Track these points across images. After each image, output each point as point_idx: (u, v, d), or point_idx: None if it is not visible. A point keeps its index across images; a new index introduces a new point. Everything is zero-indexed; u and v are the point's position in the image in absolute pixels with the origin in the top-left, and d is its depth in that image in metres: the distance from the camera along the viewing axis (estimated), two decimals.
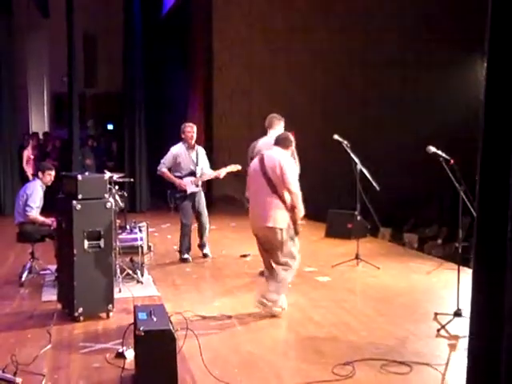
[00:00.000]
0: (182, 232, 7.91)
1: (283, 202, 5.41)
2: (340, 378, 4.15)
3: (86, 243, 5.35)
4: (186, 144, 7.89)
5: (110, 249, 5.52)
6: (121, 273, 6.54)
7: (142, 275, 6.81)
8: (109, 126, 20.22)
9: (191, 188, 7.81)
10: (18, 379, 4.06)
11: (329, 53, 13.75)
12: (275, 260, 5.54)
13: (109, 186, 5.98)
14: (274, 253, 5.53)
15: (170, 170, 7.82)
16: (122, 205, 6.85)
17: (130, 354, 4.38)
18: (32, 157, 13.15)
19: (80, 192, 5.34)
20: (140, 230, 7.06)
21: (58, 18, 14.41)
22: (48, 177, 6.96)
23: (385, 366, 4.36)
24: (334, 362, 4.38)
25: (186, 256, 7.92)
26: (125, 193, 7.06)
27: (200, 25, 13.60)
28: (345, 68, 14.00)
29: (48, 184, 7.00)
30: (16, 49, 13.43)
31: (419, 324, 5.38)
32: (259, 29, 13.69)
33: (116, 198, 6.59)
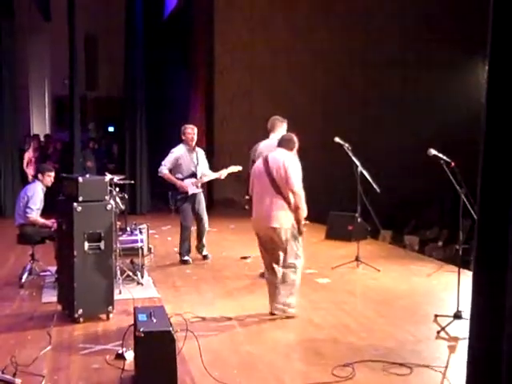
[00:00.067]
0: (182, 234, 7.92)
1: (287, 203, 5.42)
2: (340, 380, 4.15)
3: (87, 245, 5.36)
4: (187, 146, 7.90)
5: (111, 250, 5.53)
6: (121, 274, 6.55)
7: (142, 277, 6.81)
8: (110, 128, 20.22)
9: (192, 189, 7.82)
10: (18, 380, 4.06)
11: (329, 53, 13.76)
12: (277, 261, 5.55)
13: (109, 188, 5.98)
14: (276, 253, 5.55)
15: (171, 172, 7.82)
16: (123, 207, 6.86)
17: (130, 356, 4.39)
18: (33, 159, 13.16)
19: (81, 194, 5.35)
20: (140, 232, 7.08)
21: (60, 21, 14.42)
22: (48, 178, 6.96)
23: (385, 368, 4.36)
24: (334, 364, 4.38)
25: (187, 258, 7.93)
26: (125, 195, 7.06)
27: (202, 28, 13.61)
28: (345, 68, 14.00)
29: (48, 185, 7.00)
30: (18, 51, 13.41)
31: (419, 326, 5.38)
32: (261, 32, 13.69)
33: (116, 200, 6.59)
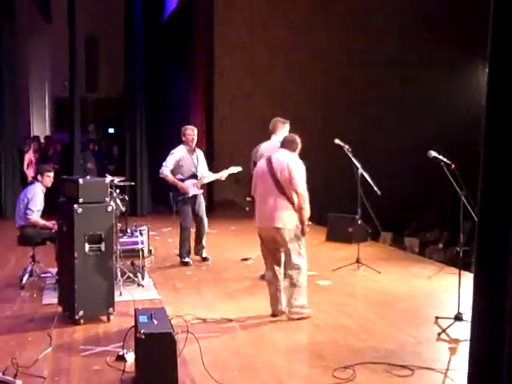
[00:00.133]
0: (182, 235, 7.92)
1: (291, 203, 5.42)
2: (341, 382, 4.14)
3: (87, 246, 5.35)
4: (187, 146, 7.90)
5: (111, 252, 5.53)
6: (121, 276, 6.54)
7: (143, 278, 6.81)
8: (110, 130, 20.23)
9: (193, 190, 7.82)
10: (19, 382, 4.05)
11: (329, 53, 13.76)
12: (278, 262, 5.57)
13: (110, 190, 5.98)
14: (279, 254, 5.55)
15: (172, 173, 7.82)
16: (123, 208, 6.85)
17: (131, 357, 4.38)
18: (33, 160, 13.16)
19: (81, 196, 5.35)
20: (141, 234, 7.06)
21: (60, 23, 14.44)
22: (47, 179, 6.95)
23: (385, 370, 4.35)
24: (335, 366, 4.37)
25: (187, 259, 7.92)
26: (126, 196, 7.06)
27: (201, 29, 13.61)
28: (345, 68, 13.99)
29: (48, 186, 6.99)
30: (18, 52, 13.43)
31: (420, 328, 5.37)
32: (260, 33, 13.69)
33: (117, 202, 6.59)
